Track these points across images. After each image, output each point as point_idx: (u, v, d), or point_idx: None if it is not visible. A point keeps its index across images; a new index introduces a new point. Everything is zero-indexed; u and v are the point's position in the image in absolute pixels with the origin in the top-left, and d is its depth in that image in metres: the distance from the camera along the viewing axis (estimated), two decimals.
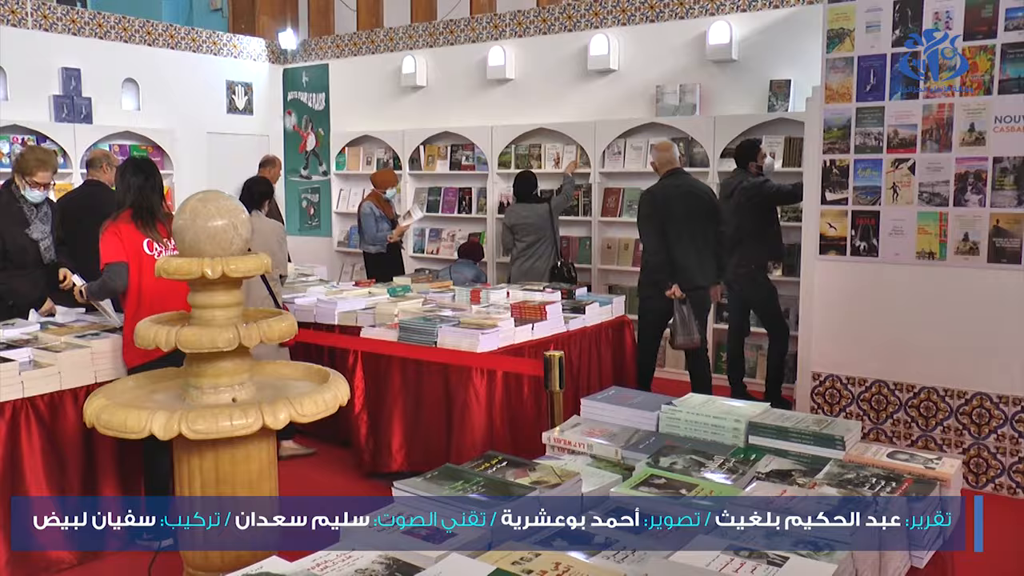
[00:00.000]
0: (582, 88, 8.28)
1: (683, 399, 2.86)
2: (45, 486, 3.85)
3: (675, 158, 5.97)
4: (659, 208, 5.74)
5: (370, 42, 9.89)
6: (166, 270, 2.91)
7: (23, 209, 4.97)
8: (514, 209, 7.39)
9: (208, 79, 9.77)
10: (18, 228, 4.94)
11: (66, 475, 3.95)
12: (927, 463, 2.35)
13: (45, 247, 5.01)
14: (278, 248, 5.43)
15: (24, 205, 4.98)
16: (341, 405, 3.04)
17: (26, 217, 4.96)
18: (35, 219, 4.99)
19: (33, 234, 4.96)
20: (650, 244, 5.82)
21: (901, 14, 4.89)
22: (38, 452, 3.84)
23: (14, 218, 4.95)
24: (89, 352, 4.05)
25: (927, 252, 4.94)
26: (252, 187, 5.72)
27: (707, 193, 5.98)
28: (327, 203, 10.20)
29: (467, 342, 4.63)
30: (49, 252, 5.04)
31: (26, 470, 3.80)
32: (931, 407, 5.01)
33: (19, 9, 8.07)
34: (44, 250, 5.01)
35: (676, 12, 7.69)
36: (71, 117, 8.36)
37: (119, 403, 2.93)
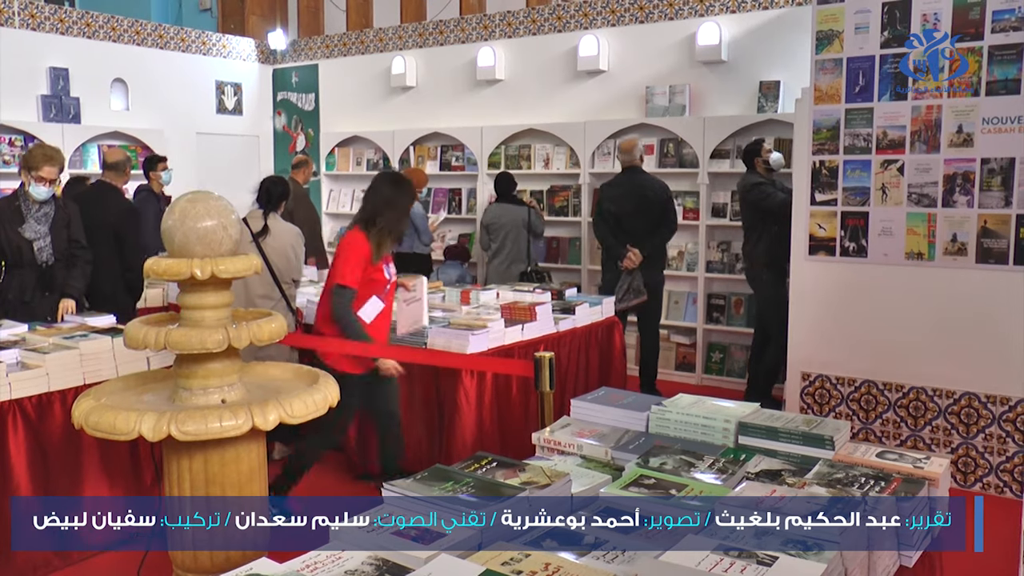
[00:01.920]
0: (572, 89, 8.29)
1: (673, 399, 2.86)
2: (32, 487, 3.84)
3: (635, 157, 6.73)
4: (608, 198, 6.66)
5: (360, 42, 9.88)
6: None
7: (21, 207, 4.95)
8: (490, 209, 7.59)
9: (197, 79, 9.75)
10: (12, 226, 4.91)
11: (53, 476, 3.93)
12: (916, 463, 2.36)
13: (39, 248, 4.96)
14: (293, 253, 5.23)
15: (23, 203, 4.95)
16: (331, 406, 3.03)
17: (22, 215, 4.94)
18: (31, 218, 4.96)
19: (26, 233, 4.93)
20: (599, 232, 6.78)
21: (890, 16, 4.91)
22: (24, 453, 3.82)
23: (10, 216, 4.93)
24: (78, 354, 4.03)
25: (916, 253, 4.96)
26: (271, 188, 5.26)
27: (657, 191, 6.61)
28: (317, 204, 10.19)
29: (457, 343, 4.62)
30: (43, 253, 4.99)
31: (14, 471, 3.78)
32: (920, 407, 5.03)
33: (6, 8, 8.04)
34: (38, 251, 4.96)
35: (665, 13, 7.71)
36: (59, 117, 8.33)
37: (108, 405, 2.92)
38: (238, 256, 2.98)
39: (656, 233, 6.60)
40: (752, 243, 6.38)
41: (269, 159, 10.59)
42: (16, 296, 4.97)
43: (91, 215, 5.46)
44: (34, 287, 4.99)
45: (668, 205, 6.67)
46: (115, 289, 5.71)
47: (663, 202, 6.61)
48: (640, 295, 6.47)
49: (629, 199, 6.61)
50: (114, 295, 5.66)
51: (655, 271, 6.67)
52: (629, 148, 6.78)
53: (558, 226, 8.27)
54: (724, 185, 7.40)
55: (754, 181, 6.30)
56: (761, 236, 6.29)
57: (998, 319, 4.77)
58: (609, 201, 6.70)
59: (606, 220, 6.71)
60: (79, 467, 4.03)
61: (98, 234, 5.48)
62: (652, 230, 6.58)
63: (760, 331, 6.62)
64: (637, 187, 6.62)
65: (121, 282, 5.75)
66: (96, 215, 5.60)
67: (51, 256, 5.01)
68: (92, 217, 5.47)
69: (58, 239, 5.04)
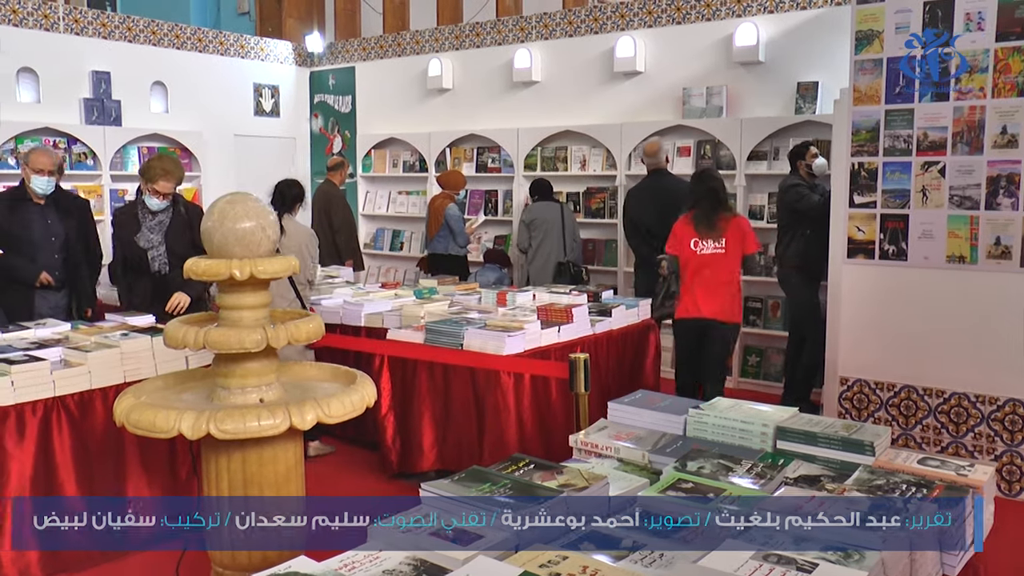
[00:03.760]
0: (608, 90, 8.26)
1: (710, 403, 2.84)
2: (75, 484, 3.91)
3: (660, 160, 6.78)
4: (635, 204, 6.70)
5: (396, 45, 9.93)
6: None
7: (138, 215, 5.01)
8: (531, 207, 7.70)
9: (235, 82, 9.85)
10: (130, 234, 4.99)
11: (95, 473, 3.99)
12: (959, 470, 2.33)
13: (152, 256, 5.00)
14: (308, 253, 5.40)
15: (140, 211, 5.01)
16: (368, 407, 3.05)
17: (139, 223, 4.99)
18: (145, 227, 5.00)
19: (140, 242, 4.98)
20: (631, 241, 6.88)
21: (931, 15, 4.84)
22: (68, 450, 3.89)
23: (128, 223, 5.03)
24: (118, 352, 4.09)
25: (958, 256, 4.89)
26: (285, 191, 5.53)
27: (683, 193, 6.21)
28: (354, 205, 10.24)
29: (493, 344, 4.62)
30: (156, 262, 5.02)
31: (58, 467, 3.85)
32: (962, 413, 4.95)
33: (52, 14, 8.17)
34: (151, 259, 5.00)
35: (703, 14, 7.66)
36: (101, 120, 8.45)
37: (148, 403, 2.95)
38: (276, 257, 3.00)
39: None
40: (784, 245, 6.32)
41: (306, 161, 10.67)
42: (140, 301, 5.07)
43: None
44: (151, 295, 5.05)
45: None
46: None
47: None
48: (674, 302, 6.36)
49: (655, 203, 6.59)
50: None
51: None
52: (654, 151, 6.78)
53: (594, 228, 8.24)
54: (761, 187, 7.34)
55: (792, 183, 6.25)
56: (794, 238, 6.24)
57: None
58: (635, 207, 6.69)
59: (636, 227, 6.69)
60: (119, 463, 4.09)
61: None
62: None
63: (795, 334, 6.56)
64: (663, 190, 6.60)
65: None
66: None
67: (164, 265, 5.03)
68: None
69: (176, 246, 5.02)
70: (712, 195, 5.40)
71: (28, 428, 3.77)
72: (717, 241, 5.31)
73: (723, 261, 5.31)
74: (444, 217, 7.84)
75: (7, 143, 7.77)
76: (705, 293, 5.35)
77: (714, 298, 5.33)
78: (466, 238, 7.94)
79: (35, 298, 5.15)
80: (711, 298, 5.33)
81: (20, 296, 5.11)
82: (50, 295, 5.22)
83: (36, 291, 5.16)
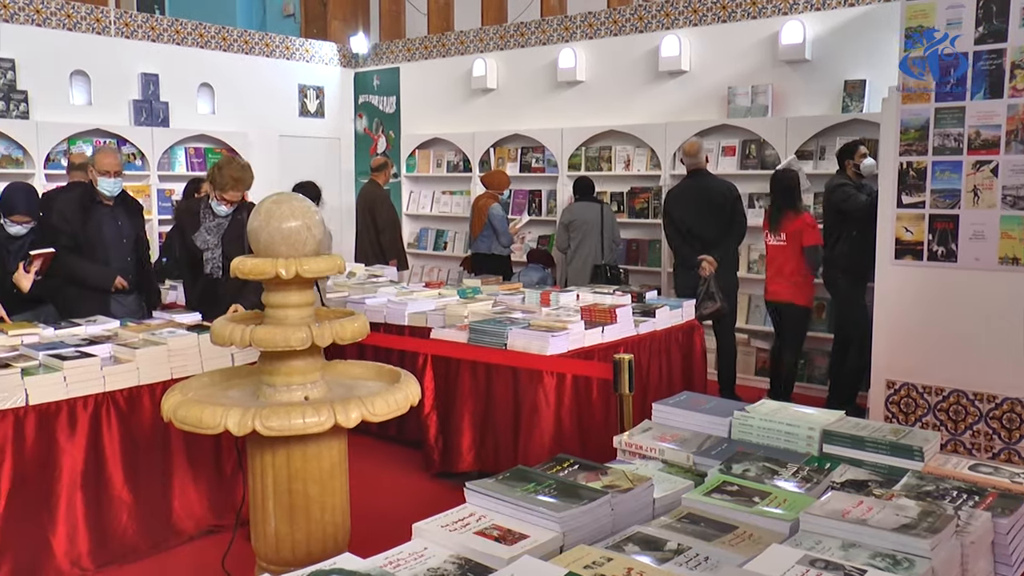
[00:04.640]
0: (653, 89, 8.22)
1: (756, 405, 2.81)
2: (123, 477, 3.98)
3: (700, 160, 6.74)
4: (675, 205, 6.69)
5: (441, 45, 9.96)
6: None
7: (199, 215, 4.99)
8: (571, 207, 7.68)
9: (281, 83, 9.95)
10: (189, 232, 4.98)
11: (142, 467, 4.06)
12: (1013, 477, 2.27)
13: (207, 258, 4.96)
14: (325, 252, 5.41)
15: (203, 210, 4.99)
16: (412, 406, 3.06)
17: (199, 222, 4.97)
18: (203, 227, 4.96)
19: (197, 241, 4.95)
20: (672, 242, 6.84)
21: (985, 10, 4.74)
22: (117, 444, 3.96)
23: (189, 221, 5.02)
24: (166, 349, 4.15)
25: (1010, 258, 4.78)
26: (303, 193, 5.49)
27: (724, 193, 6.57)
28: (398, 205, 10.29)
29: (537, 344, 4.62)
30: (209, 264, 4.96)
31: (107, 461, 3.93)
32: (1015, 419, 4.85)
33: (103, 18, 8.33)
34: (205, 261, 4.96)
35: (748, 12, 7.60)
36: (149, 121, 8.60)
37: (195, 399, 2.99)
38: (321, 256, 3.03)
39: (726, 236, 6.52)
40: (830, 245, 6.25)
41: (350, 161, 10.75)
42: (197, 301, 5.10)
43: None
44: (199, 296, 5.07)
45: (736, 206, 6.58)
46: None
47: (731, 204, 6.53)
48: (714, 302, 6.40)
49: (695, 203, 6.57)
50: None
51: (728, 275, 6.59)
52: (694, 151, 6.74)
53: (638, 228, 8.21)
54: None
55: (838, 182, 6.18)
56: (840, 239, 6.17)
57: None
58: (676, 207, 6.66)
59: (677, 228, 6.66)
60: (165, 458, 4.16)
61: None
62: (722, 234, 6.50)
63: (839, 336, 6.49)
64: (703, 190, 6.57)
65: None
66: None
67: (218, 269, 4.95)
68: None
69: (231, 250, 4.86)
70: (784, 193, 6.30)
71: (79, 423, 3.84)
72: (781, 235, 6.26)
73: (786, 253, 6.27)
74: (488, 217, 7.85)
75: (60, 144, 7.92)
76: (774, 279, 6.41)
77: (780, 284, 6.37)
78: (510, 238, 7.95)
79: (111, 302, 5.13)
80: (778, 284, 6.38)
81: (96, 302, 5.05)
82: (123, 298, 5.21)
83: (112, 296, 5.15)
